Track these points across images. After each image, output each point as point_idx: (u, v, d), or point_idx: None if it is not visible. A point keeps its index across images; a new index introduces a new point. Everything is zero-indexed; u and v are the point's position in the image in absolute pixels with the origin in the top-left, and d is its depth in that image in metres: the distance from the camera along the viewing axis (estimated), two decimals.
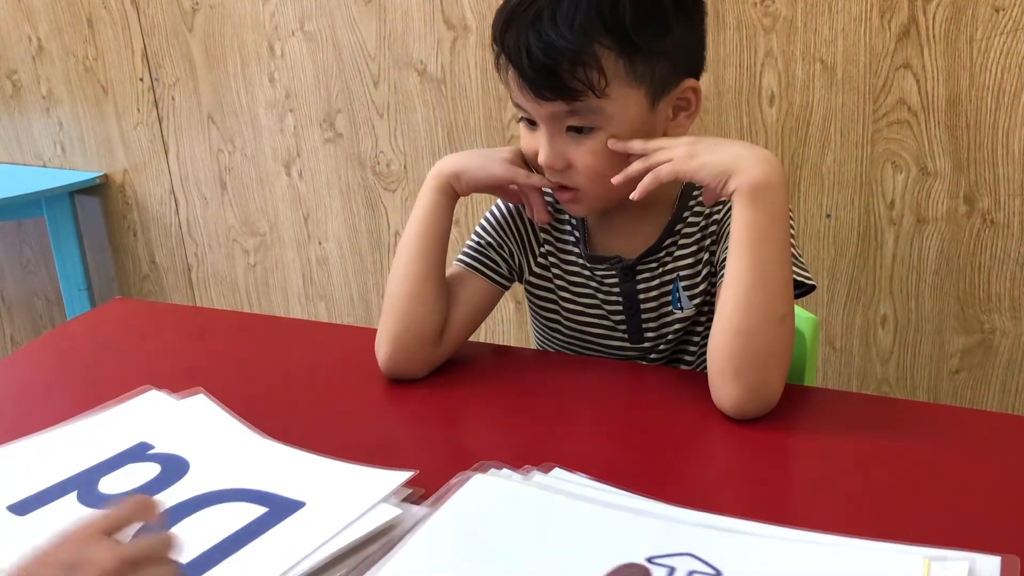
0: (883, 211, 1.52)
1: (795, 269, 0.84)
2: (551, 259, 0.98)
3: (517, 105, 0.87)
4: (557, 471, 0.69)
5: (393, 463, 0.71)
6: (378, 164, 1.93)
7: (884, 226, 1.52)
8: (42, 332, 2.47)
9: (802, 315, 1.10)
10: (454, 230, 1.00)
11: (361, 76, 1.88)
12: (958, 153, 1.44)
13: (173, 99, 2.11)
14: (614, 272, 0.94)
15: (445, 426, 0.84)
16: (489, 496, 0.66)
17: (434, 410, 0.85)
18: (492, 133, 1.79)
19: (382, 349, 0.90)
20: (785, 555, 0.58)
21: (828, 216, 1.56)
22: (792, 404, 0.84)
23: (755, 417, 0.77)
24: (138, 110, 2.16)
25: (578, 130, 0.84)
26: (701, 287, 0.93)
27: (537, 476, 0.68)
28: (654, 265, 0.93)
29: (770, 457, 0.73)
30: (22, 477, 0.72)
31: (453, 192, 0.94)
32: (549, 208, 0.98)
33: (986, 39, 1.37)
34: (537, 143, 0.86)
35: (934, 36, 1.40)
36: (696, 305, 0.94)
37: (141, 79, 2.13)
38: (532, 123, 0.87)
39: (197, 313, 1.47)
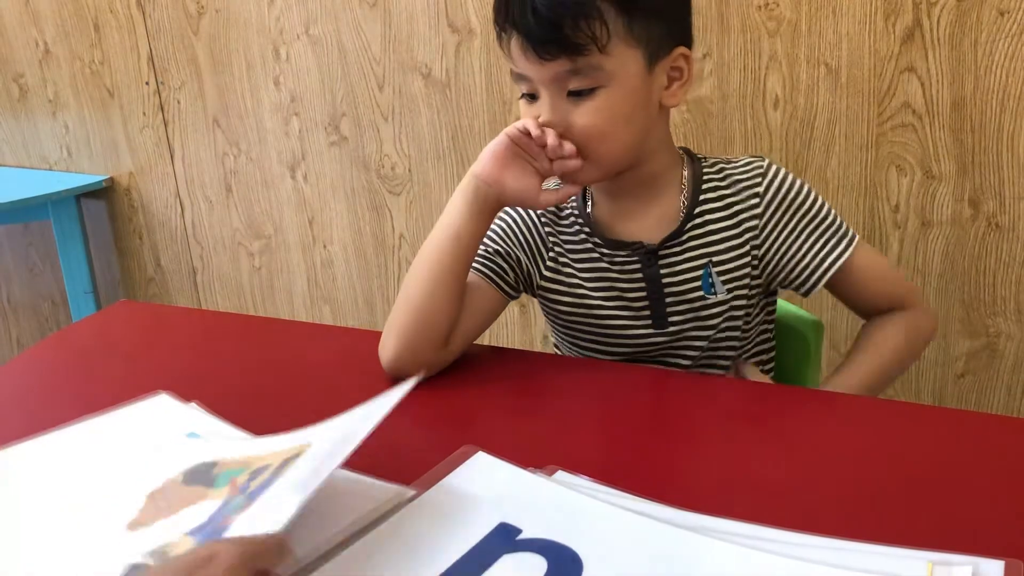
0: (888, 214, 1.51)
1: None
2: (562, 260, 0.98)
3: (519, 77, 0.89)
4: (560, 474, 0.69)
5: (395, 465, 0.71)
6: (383, 167, 1.94)
7: (889, 230, 1.52)
8: (48, 334, 2.48)
9: (806, 318, 1.10)
10: None
11: (366, 79, 1.88)
12: (963, 156, 1.44)
13: (179, 103, 2.12)
14: (636, 258, 0.95)
15: (448, 429, 0.84)
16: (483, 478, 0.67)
17: (437, 413, 0.85)
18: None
19: (388, 345, 0.89)
20: (787, 558, 0.58)
21: None
22: (796, 407, 0.84)
23: None
24: (144, 113, 2.17)
25: (578, 94, 0.86)
26: (739, 274, 0.94)
27: (540, 477, 0.69)
28: (677, 249, 0.94)
29: (773, 460, 0.73)
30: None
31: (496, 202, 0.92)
32: (552, 211, 0.98)
33: (991, 42, 1.37)
34: (538, 113, 0.88)
35: (938, 39, 1.40)
36: (731, 290, 0.94)
37: (147, 83, 2.14)
38: (532, 97, 0.89)
39: (202, 316, 1.48)
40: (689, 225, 0.93)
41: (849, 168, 1.52)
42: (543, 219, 0.99)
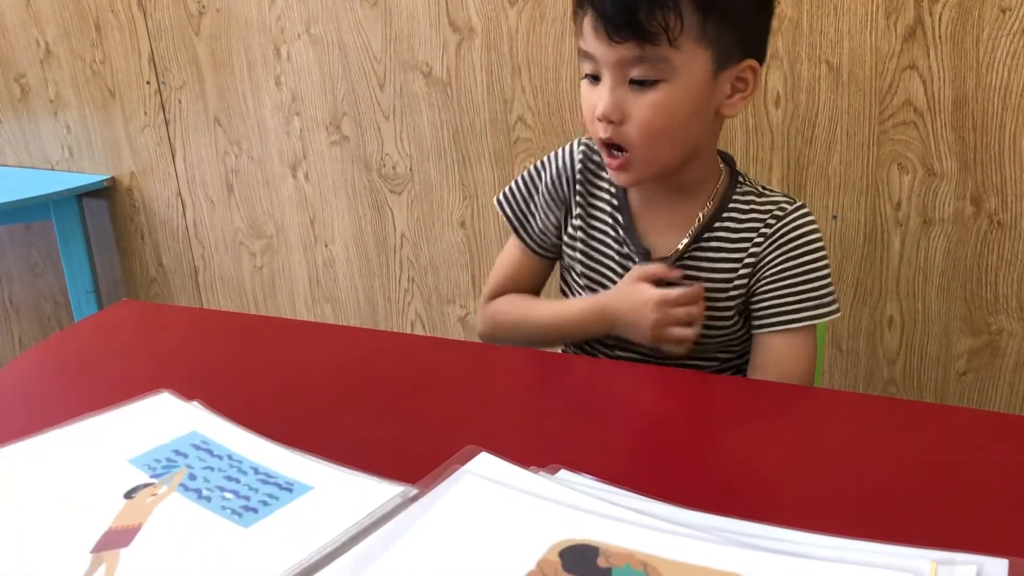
0: (889, 212, 1.51)
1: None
2: (580, 234, 1.02)
3: (585, 55, 0.89)
4: (563, 473, 0.69)
5: (398, 465, 0.71)
6: (384, 166, 1.94)
7: (890, 227, 1.52)
8: (50, 334, 2.48)
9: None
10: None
11: (367, 79, 1.88)
12: (965, 154, 1.44)
13: (180, 102, 2.12)
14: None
15: (450, 427, 0.84)
16: (483, 493, 0.67)
17: (440, 411, 0.85)
18: (497, 136, 1.79)
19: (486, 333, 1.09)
20: (791, 556, 0.58)
21: (834, 217, 1.55)
22: (798, 405, 0.84)
23: None
24: (145, 113, 2.17)
25: (640, 84, 0.86)
26: (726, 303, 0.96)
27: (543, 477, 0.69)
28: (679, 263, 0.96)
29: (775, 458, 0.73)
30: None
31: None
32: (583, 178, 1.02)
33: (993, 40, 1.37)
34: (597, 97, 0.88)
35: (940, 37, 1.40)
36: (717, 309, 0.96)
37: (148, 82, 2.14)
38: (595, 79, 0.89)
39: (204, 315, 1.48)
40: (695, 247, 0.95)
41: (851, 166, 1.52)
42: (577, 186, 1.03)
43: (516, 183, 1.08)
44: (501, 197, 1.09)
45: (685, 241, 0.95)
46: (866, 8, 1.43)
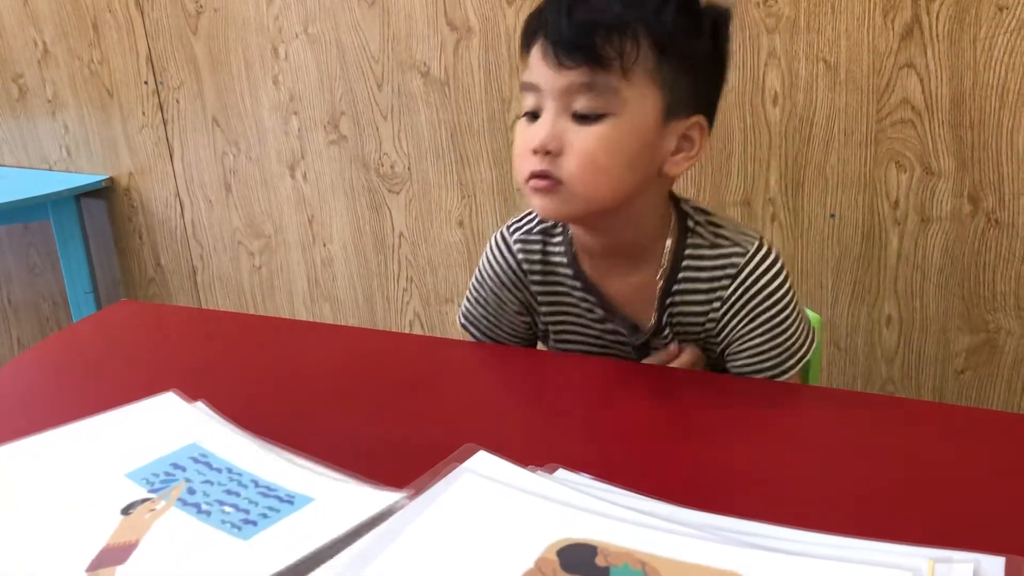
0: (887, 211, 1.51)
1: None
2: (557, 325, 0.99)
3: (528, 87, 0.84)
4: (561, 472, 0.69)
5: (396, 464, 0.71)
6: (382, 166, 1.94)
7: (888, 226, 1.52)
8: (48, 335, 2.48)
9: (806, 315, 1.10)
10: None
11: (365, 78, 1.88)
12: (962, 152, 1.44)
13: (178, 102, 2.12)
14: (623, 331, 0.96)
15: (448, 426, 0.84)
16: (479, 494, 0.67)
17: (438, 411, 0.85)
18: (495, 135, 1.79)
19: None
20: (788, 555, 0.58)
21: (832, 216, 1.56)
22: (796, 403, 0.84)
23: None
24: (143, 113, 2.17)
25: (584, 117, 0.81)
26: (707, 340, 0.94)
27: (541, 476, 0.69)
28: (662, 334, 0.95)
29: (773, 457, 0.73)
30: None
31: None
32: (537, 262, 0.97)
33: (990, 38, 1.37)
34: (534, 135, 0.83)
35: (938, 35, 1.40)
36: (703, 345, 0.95)
37: (146, 82, 2.14)
38: (534, 116, 0.84)
39: (203, 315, 1.48)
40: (666, 315, 0.92)
41: (848, 164, 1.52)
42: (533, 286, 0.98)
43: (469, 301, 1.02)
44: (462, 319, 1.04)
45: (655, 316, 0.92)
46: (864, 6, 1.43)
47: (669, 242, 0.90)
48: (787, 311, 0.90)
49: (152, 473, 0.71)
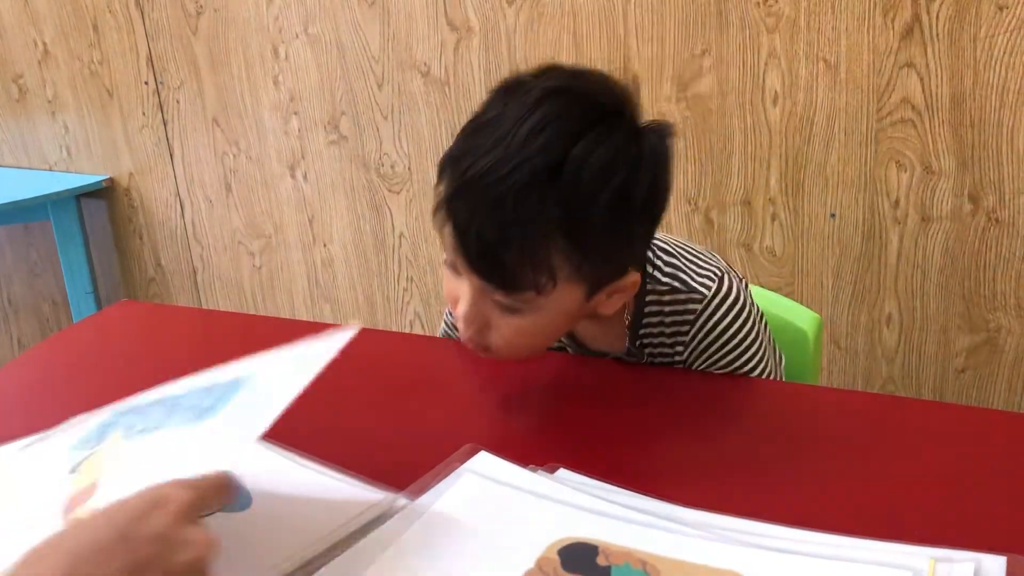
0: (887, 210, 1.51)
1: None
2: None
3: (448, 260, 0.78)
4: (562, 471, 0.69)
5: (396, 463, 0.71)
6: (382, 166, 1.94)
7: (889, 225, 1.52)
8: (49, 335, 2.48)
9: (806, 314, 1.10)
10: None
11: (365, 78, 1.88)
12: (962, 152, 1.44)
13: (178, 102, 2.12)
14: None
15: (450, 427, 0.84)
16: (478, 492, 0.67)
17: (438, 410, 0.85)
18: None
19: None
20: (789, 554, 0.58)
21: (832, 216, 1.56)
22: (797, 403, 0.84)
23: None
24: (143, 113, 2.17)
25: (505, 306, 0.76)
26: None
27: (542, 476, 0.69)
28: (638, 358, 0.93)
29: (774, 456, 0.73)
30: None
31: None
32: None
33: (990, 37, 1.37)
34: (459, 291, 0.77)
35: (938, 35, 1.40)
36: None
37: (146, 82, 2.13)
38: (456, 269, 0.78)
39: (203, 316, 1.48)
40: (637, 345, 0.91)
41: (849, 164, 1.52)
42: None
43: (447, 324, 1.00)
44: (444, 335, 1.00)
45: (627, 346, 0.91)
46: (864, 6, 1.43)
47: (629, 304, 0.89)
48: (749, 349, 0.88)
49: (88, 437, 0.67)
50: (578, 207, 0.71)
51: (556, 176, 0.70)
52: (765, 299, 1.11)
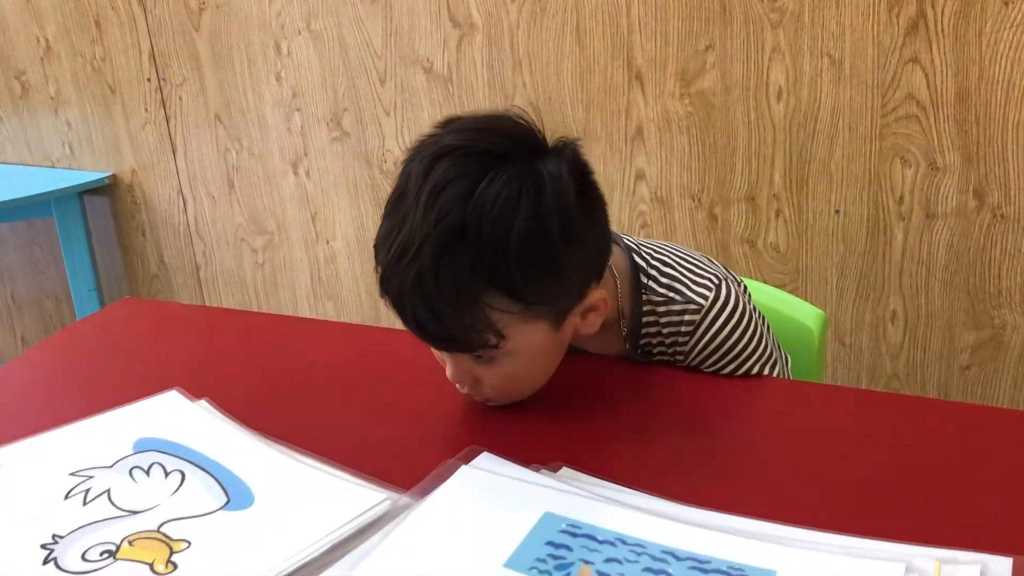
0: (892, 206, 1.51)
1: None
2: None
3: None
4: (565, 470, 0.69)
5: (398, 462, 0.71)
6: (385, 162, 1.93)
7: (893, 221, 1.52)
8: (52, 332, 2.48)
9: (811, 311, 1.09)
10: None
11: (368, 74, 1.88)
12: (967, 148, 1.43)
13: (180, 99, 2.11)
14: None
15: (452, 425, 0.84)
16: (475, 488, 0.67)
17: (442, 409, 0.85)
18: None
19: None
20: (793, 554, 0.58)
21: (837, 212, 1.55)
22: (801, 400, 0.83)
23: None
24: (146, 110, 2.17)
25: (483, 358, 0.77)
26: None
27: (544, 475, 0.68)
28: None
29: (778, 455, 0.73)
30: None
31: None
32: None
33: (995, 33, 1.36)
34: (443, 363, 0.81)
35: (943, 30, 1.39)
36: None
37: (148, 79, 2.13)
38: None
39: (206, 312, 1.48)
40: (637, 349, 0.91)
41: (853, 160, 1.51)
42: None
43: None
44: None
45: (627, 350, 0.91)
46: (868, 1, 1.42)
47: (626, 306, 0.89)
48: (752, 355, 0.88)
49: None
50: (493, 259, 0.71)
51: (461, 237, 0.70)
52: (769, 296, 1.11)
